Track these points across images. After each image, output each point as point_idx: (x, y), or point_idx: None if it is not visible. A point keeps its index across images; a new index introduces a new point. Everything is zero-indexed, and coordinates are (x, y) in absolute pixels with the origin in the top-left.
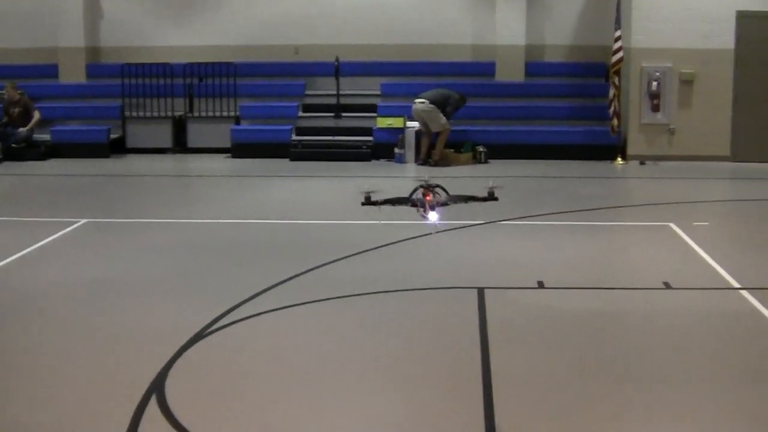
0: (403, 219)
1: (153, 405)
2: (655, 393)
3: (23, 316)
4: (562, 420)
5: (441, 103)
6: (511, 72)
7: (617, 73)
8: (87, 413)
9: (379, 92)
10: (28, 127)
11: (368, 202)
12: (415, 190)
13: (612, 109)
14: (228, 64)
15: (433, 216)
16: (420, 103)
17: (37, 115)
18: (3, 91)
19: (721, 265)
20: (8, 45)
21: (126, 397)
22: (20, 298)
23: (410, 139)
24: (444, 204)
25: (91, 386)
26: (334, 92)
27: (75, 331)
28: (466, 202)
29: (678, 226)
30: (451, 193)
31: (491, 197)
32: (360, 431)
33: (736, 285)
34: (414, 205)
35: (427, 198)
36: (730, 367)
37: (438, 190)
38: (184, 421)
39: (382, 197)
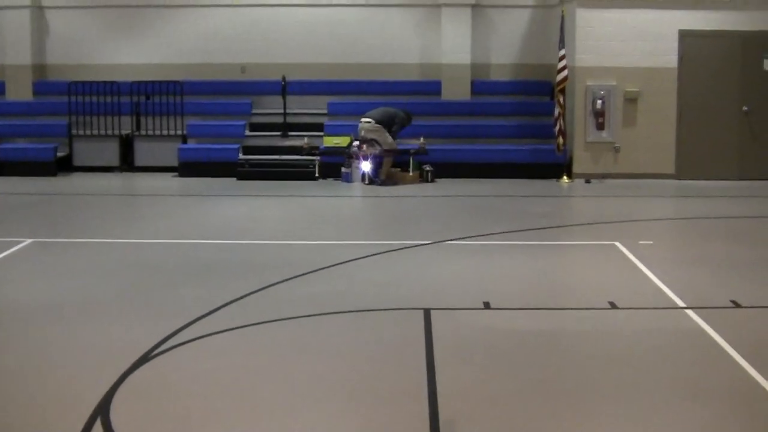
0: (350, 239)
1: (98, 428)
2: (601, 411)
3: None
4: None
5: (387, 122)
6: (457, 90)
7: (562, 91)
8: None
9: (326, 111)
10: None
11: (308, 152)
12: (352, 141)
13: (557, 127)
14: (175, 83)
15: (365, 166)
16: (366, 122)
17: None
18: None
19: (666, 284)
20: None
21: (71, 419)
22: None
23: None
24: (378, 156)
25: (36, 408)
26: (281, 111)
27: (19, 351)
28: (399, 154)
29: (623, 245)
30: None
31: (422, 150)
32: None
33: (681, 304)
34: (350, 157)
35: (362, 148)
36: (675, 384)
37: (373, 143)
38: None
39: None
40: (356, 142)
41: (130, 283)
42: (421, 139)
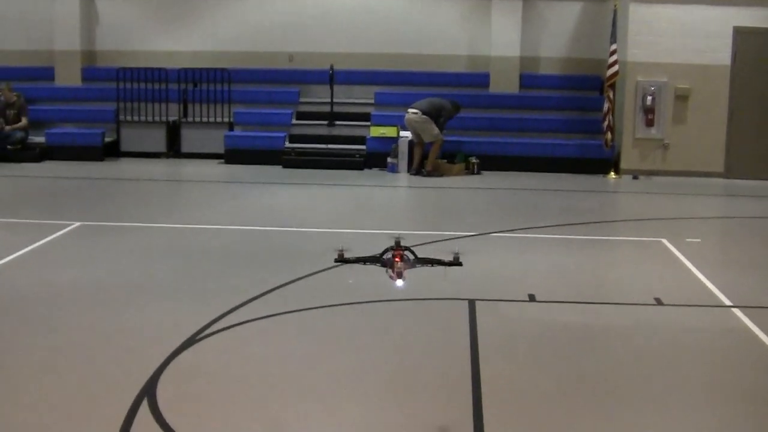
0: (395, 229)
1: (144, 408)
2: (644, 408)
3: (16, 318)
4: (551, 431)
5: (434, 114)
6: (505, 83)
7: (612, 86)
8: (78, 415)
9: (372, 101)
10: (12, 128)
11: (341, 259)
12: (386, 250)
13: (606, 122)
14: (222, 70)
15: (399, 283)
16: (413, 114)
17: (24, 121)
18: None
19: (712, 282)
20: (5, 47)
21: (117, 400)
22: (13, 300)
23: (403, 149)
24: (410, 268)
25: (83, 389)
26: (328, 100)
27: (67, 333)
28: (432, 266)
29: (670, 242)
30: (419, 255)
31: (456, 262)
32: None
33: (728, 303)
34: (384, 265)
35: (396, 259)
36: (719, 385)
37: (407, 253)
38: (175, 425)
39: (354, 256)
40: (390, 252)
41: (176, 267)
42: (456, 247)
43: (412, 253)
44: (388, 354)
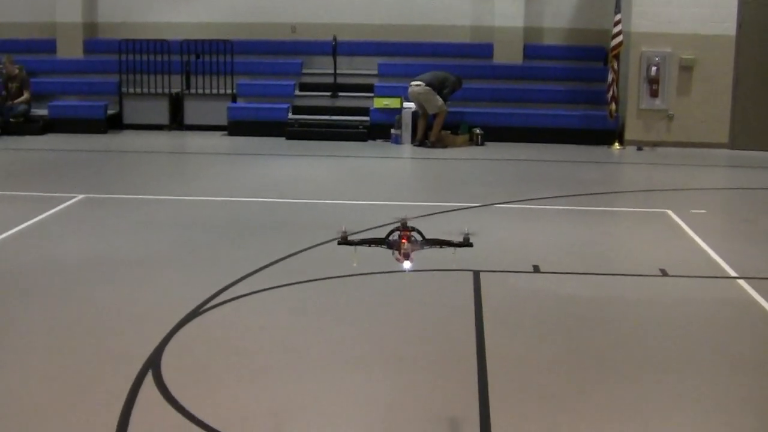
0: (399, 200)
1: (149, 381)
2: (648, 379)
3: (19, 291)
4: (555, 403)
5: (437, 86)
6: (509, 54)
7: (616, 57)
8: (83, 388)
9: (376, 72)
10: (15, 102)
11: (344, 241)
12: (392, 231)
13: (610, 93)
14: (225, 42)
15: (407, 265)
16: (416, 86)
17: (26, 94)
18: (1, 65)
19: (717, 253)
20: (6, 19)
21: (122, 373)
22: (17, 272)
23: (407, 120)
24: (418, 249)
25: (87, 361)
26: (331, 71)
27: (71, 305)
28: (441, 247)
29: (675, 213)
30: (427, 236)
31: (466, 243)
32: (352, 409)
33: (733, 273)
34: (390, 247)
35: (403, 240)
36: (724, 355)
37: (414, 234)
38: (179, 397)
39: (359, 238)
40: (396, 233)
41: (180, 239)
42: (466, 228)
43: (420, 234)
44: (391, 326)
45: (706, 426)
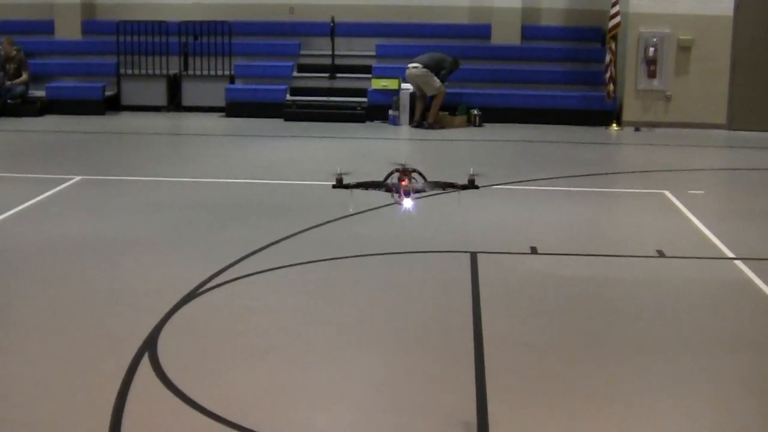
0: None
1: (145, 363)
2: (646, 359)
3: (17, 272)
4: (552, 384)
5: (434, 67)
6: (506, 35)
7: (614, 38)
8: (80, 370)
9: (374, 53)
10: (13, 83)
11: (339, 185)
12: (391, 173)
13: (608, 74)
14: (223, 23)
15: (407, 203)
16: (413, 68)
17: (25, 75)
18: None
19: (715, 234)
20: (4, 0)
21: (118, 355)
22: (14, 253)
23: (405, 101)
24: (420, 191)
25: (84, 343)
26: (329, 53)
27: (68, 287)
28: (443, 189)
29: (672, 193)
30: (429, 179)
31: (471, 185)
32: (350, 391)
33: (730, 254)
34: (389, 190)
35: (403, 183)
36: (722, 336)
37: (415, 175)
38: (176, 379)
39: (355, 180)
40: (396, 173)
41: (177, 221)
42: (471, 169)
43: (421, 175)
44: (390, 307)
45: (705, 405)
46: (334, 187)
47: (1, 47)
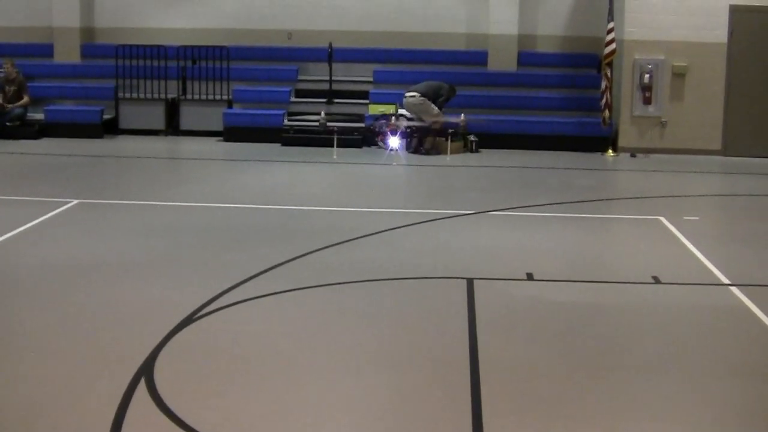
0: (394, 207)
1: (142, 387)
2: (642, 385)
3: (13, 295)
4: (548, 409)
5: (432, 95)
6: (503, 61)
7: (609, 64)
8: (76, 394)
9: (371, 79)
10: (14, 105)
11: (324, 128)
12: (377, 119)
13: (604, 100)
14: (221, 48)
15: (393, 142)
16: (411, 97)
17: (26, 98)
18: (2, 69)
19: (710, 260)
20: (4, 23)
21: (115, 379)
22: (11, 276)
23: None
24: (404, 129)
25: (80, 367)
26: (327, 78)
27: (65, 311)
28: (432, 127)
29: (668, 219)
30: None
31: (463, 129)
32: (346, 416)
33: (725, 281)
34: (375, 135)
35: (389, 125)
36: (717, 362)
37: (401, 119)
38: (172, 405)
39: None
40: (382, 120)
41: (175, 245)
42: (462, 116)
43: (405, 118)
44: (386, 332)
45: (700, 431)
46: (318, 129)
47: (4, 69)
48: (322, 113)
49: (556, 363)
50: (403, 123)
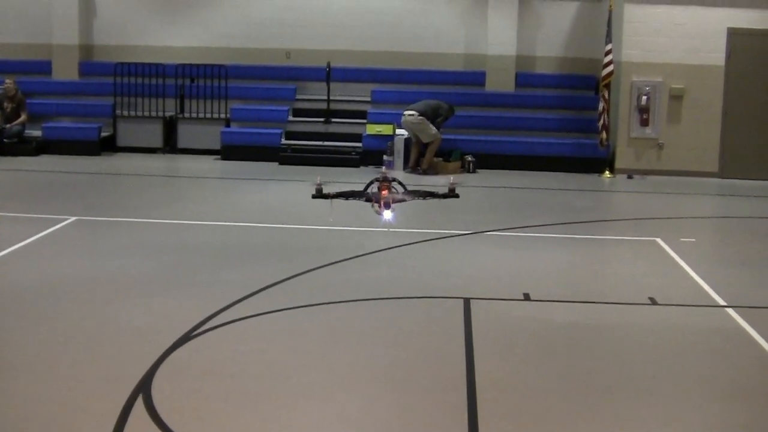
0: (391, 227)
1: (139, 404)
2: (638, 406)
3: (11, 312)
4: (545, 429)
5: (430, 115)
6: (501, 82)
7: (607, 86)
8: (74, 411)
9: (369, 99)
10: (13, 124)
11: (319, 195)
12: (371, 183)
13: (601, 122)
14: (220, 66)
15: (387, 214)
16: (409, 116)
17: (24, 116)
18: (3, 86)
19: (706, 282)
20: (2, 40)
21: (112, 397)
22: (8, 294)
23: (399, 147)
24: (400, 200)
25: (78, 385)
26: (325, 97)
27: (62, 328)
28: (424, 198)
29: (665, 241)
30: (410, 189)
31: (452, 194)
32: None
33: (722, 302)
34: (369, 200)
35: (383, 193)
36: (713, 383)
37: (395, 184)
38: (170, 422)
39: (335, 190)
40: (375, 184)
41: (172, 263)
42: (451, 178)
43: (401, 185)
44: (383, 351)
45: None
46: (314, 197)
47: (6, 86)
48: (318, 179)
49: (552, 383)
50: (398, 197)
